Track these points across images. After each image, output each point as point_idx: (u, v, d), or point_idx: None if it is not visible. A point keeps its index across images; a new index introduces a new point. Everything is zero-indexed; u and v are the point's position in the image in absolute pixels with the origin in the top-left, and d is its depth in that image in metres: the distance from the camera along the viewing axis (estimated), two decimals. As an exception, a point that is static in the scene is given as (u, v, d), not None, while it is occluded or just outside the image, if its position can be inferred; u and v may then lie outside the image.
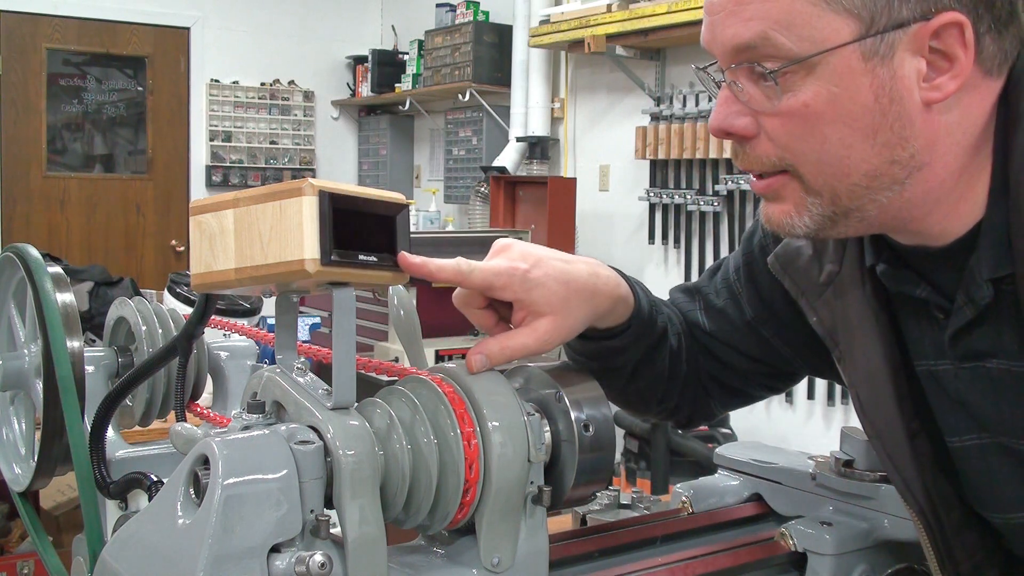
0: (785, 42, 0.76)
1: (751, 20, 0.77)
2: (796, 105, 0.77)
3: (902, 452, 0.91)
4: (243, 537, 0.66)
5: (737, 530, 1.08)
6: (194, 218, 0.78)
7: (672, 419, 1.11)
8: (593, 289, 0.89)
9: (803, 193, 0.81)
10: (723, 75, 0.82)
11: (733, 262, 1.08)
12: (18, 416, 1.09)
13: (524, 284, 0.84)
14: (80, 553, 1.00)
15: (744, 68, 0.79)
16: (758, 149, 0.81)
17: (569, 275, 0.87)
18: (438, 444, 0.75)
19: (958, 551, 0.92)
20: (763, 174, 0.83)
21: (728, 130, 0.82)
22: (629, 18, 4.42)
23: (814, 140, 0.78)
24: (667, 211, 4.69)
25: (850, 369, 0.94)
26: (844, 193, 0.80)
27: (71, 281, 1.00)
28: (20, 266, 0.99)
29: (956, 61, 0.75)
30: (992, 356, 0.84)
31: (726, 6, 0.79)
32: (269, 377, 0.79)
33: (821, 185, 0.80)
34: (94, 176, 6.50)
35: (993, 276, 0.80)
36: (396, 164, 6.90)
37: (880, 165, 0.78)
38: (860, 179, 0.79)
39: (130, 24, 6.45)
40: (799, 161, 0.80)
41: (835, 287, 0.93)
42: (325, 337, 3.33)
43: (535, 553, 0.80)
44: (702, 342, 1.07)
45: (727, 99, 0.81)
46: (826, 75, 0.76)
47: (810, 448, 1.41)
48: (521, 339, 0.85)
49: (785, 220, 0.83)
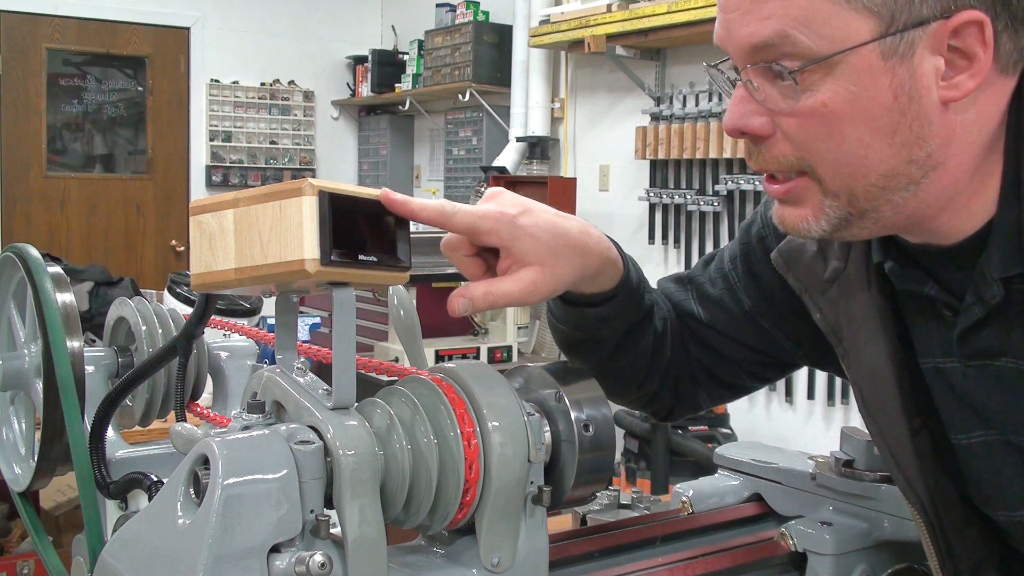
0: (804, 40, 0.74)
1: (769, 18, 0.75)
2: (815, 105, 0.76)
3: (905, 449, 0.91)
4: (243, 537, 0.66)
5: (737, 530, 1.08)
6: (194, 218, 0.78)
7: (651, 408, 1.09)
8: (584, 246, 0.87)
9: (821, 196, 0.80)
10: (737, 73, 0.80)
11: (728, 252, 1.07)
12: (18, 416, 1.09)
13: (512, 230, 0.82)
14: (80, 553, 1.00)
15: (761, 67, 0.78)
16: (774, 149, 0.80)
17: (559, 228, 0.85)
18: (438, 444, 0.75)
19: (959, 549, 0.92)
20: (779, 176, 0.82)
21: (744, 129, 0.80)
22: (629, 18, 4.42)
23: (832, 140, 0.77)
24: (667, 211, 4.69)
25: (854, 366, 0.94)
26: (861, 194, 0.79)
27: (71, 281, 1.00)
28: (20, 266, 0.99)
29: (975, 59, 0.75)
30: (1001, 355, 0.84)
31: (742, 4, 0.77)
32: (269, 377, 0.79)
33: (839, 186, 0.79)
34: (94, 176, 6.50)
35: (1003, 275, 0.80)
36: (396, 164, 6.90)
37: (897, 165, 0.77)
38: (877, 179, 0.78)
39: (130, 24, 6.44)
40: (817, 161, 0.78)
41: (840, 284, 0.93)
42: (325, 337, 3.33)
43: (535, 553, 0.80)
44: (695, 331, 1.06)
45: (743, 98, 0.80)
46: (845, 74, 0.75)
47: (810, 448, 1.41)
48: (505, 286, 0.82)
49: (801, 224, 0.82)
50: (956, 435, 0.91)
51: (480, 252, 0.85)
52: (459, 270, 0.86)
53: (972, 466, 0.91)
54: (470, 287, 0.82)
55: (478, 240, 0.84)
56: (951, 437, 0.91)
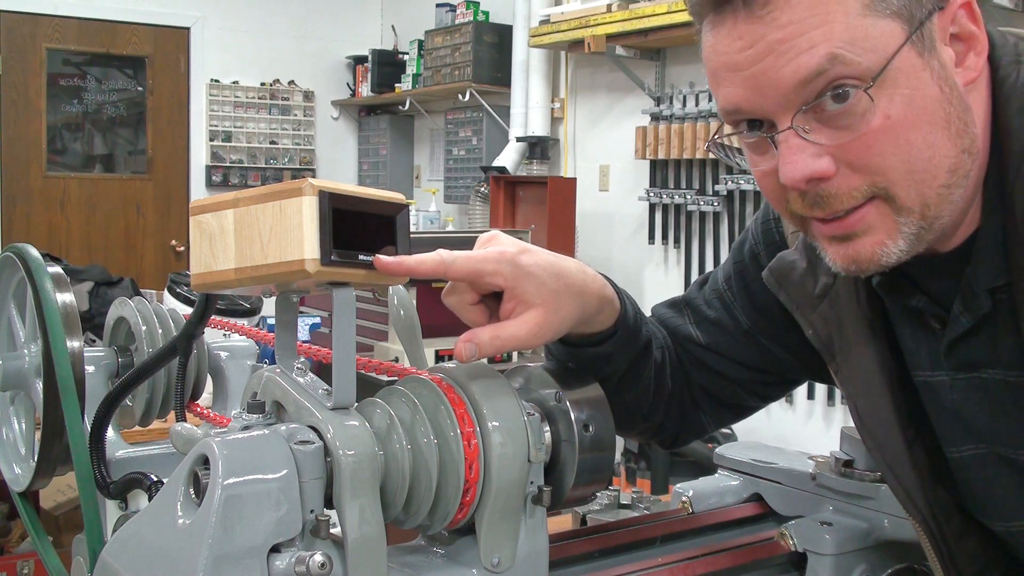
0: (855, 58, 0.72)
1: (812, 47, 0.72)
2: (879, 122, 0.74)
3: (902, 462, 0.91)
4: (243, 537, 0.66)
5: (737, 530, 1.08)
6: (194, 218, 0.78)
7: (657, 438, 1.07)
8: (582, 286, 0.86)
9: (894, 216, 0.77)
10: (777, 127, 0.76)
11: (723, 272, 1.07)
12: (18, 416, 1.09)
13: (514, 270, 0.80)
14: (80, 553, 1.00)
15: (811, 107, 0.74)
16: (843, 185, 0.76)
17: (560, 267, 0.84)
18: (438, 444, 0.75)
19: (961, 557, 0.92)
20: (843, 213, 0.77)
21: (813, 176, 0.75)
22: (629, 18, 4.42)
23: (903, 150, 0.74)
24: (667, 211, 4.69)
25: (847, 380, 0.94)
26: (933, 200, 0.76)
27: (71, 281, 1.00)
28: (20, 266, 0.99)
29: (974, 38, 0.77)
30: (988, 366, 0.84)
31: (770, 48, 0.74)
32: (269, 377, 0.79)
33: (913, 198, 0.76)
34: (94, 176, 6.50)
35: (990, 286, 0.80)
36: (396, 164, 6.90)
37: (957, 156, 0.76)
38: (946, 177, 0.76)
39: (130, 24, 6.44)
40: (892, 178, 0.75)
41: (830, 299, 0.93)
42: (325, 337, 3.33)
43: (535, 553, 0.80)
44: (695, 355, 1.05)
45: (799, 147, 0.75)
46: (896, 80, 0.73)
47: (810, 448, 1.41)
48: (512, 330, 0.80)
49: (878, 251, 0.78)
50: (949, 448, 0.91)
51: (483, 299, 0.84)
52: (463, 319, 0.84)
53: (966, 478, 0.91)
54: (477, 332, 0.80)
55: (482, 283, 0.81)
56: (945, 450, 0.91)
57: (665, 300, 1.10)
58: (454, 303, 0.84)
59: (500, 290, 0.82)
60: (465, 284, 0.82)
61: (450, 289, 0.83)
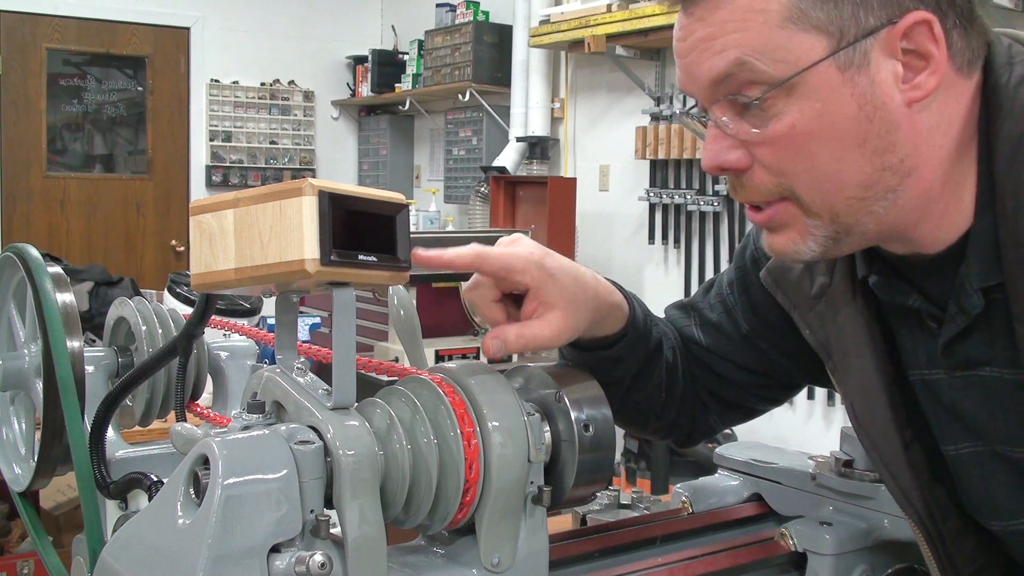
0: (762, 67, 0.76)
1: (724, 50, 0.77)
2: (783, 128, 0.77)
3: (898, 462, 0.91)
4: (243, 537, 0.66)
5: (737, 530, 1.08)
6: (194, 218, 0.78)
7: (671, 436, 1.10)
8: (596, 292, 0.90)
9: (804, 217, 0.81)
10: (706, 114, 0.82)
11: (726, 277, 1.09)
12: (18, 416, 1.09)
13: (540, 271, 0.85)
14: (80, 553, 1.00)
15: (726, 101, 0.79)
16: (755, 180, 0.81)
17: (578, 273, 0.88)
18: (438, 444, 0.75)
19: (958, 557, 0.93)
20: (762, 205, 0.83)
21: (721, 166, 0.82)
22: (629, 18, 4.41)
23: (806, 160, 0.78)
24: (667, 211, 4.69)
25: (844, 381, 0.95)
26: (842, 209, 0.80)
27: (71, 281, 1.00)
28: (20, 266, 0.99)
29: (931, 58, 0.76)
30: (985, 364, 0.84)
31: (696, 45, 0.79)
32: (269, 377, 0.79)
33: (819, 205, 0.80)
34: (94, 176, 6.49)
35: (983, 286, 0.80)
36: (396, 164, 6.90)
37: (873, 174, 0.78)
38: (855, 191, 0.79)
39: (130, 24, 6.44)
40: (795, 183, 0.80)
41: (827, 300, 0.94)
42: (325, 337, 3.33)
43: (535, 553, 0.80)
44: (699, 357, 1.07)
45: (715, 136, 0.81)
46: (807, 93, 0.76)
47: (810, 448, 1.41)
48: (535, 330, 0.85)
49: (790, 247, 0.83)
50: (946, 446, 0.91)
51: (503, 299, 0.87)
52: (483, 316, 0.87)
53: (963, 477, 0.91)
54: (503, 329, 0.84)
55: (510, 281, 0.85)
56: (942, 449, 0.91)
57: (676, 301, 1.13)
58: (476, 298, 0.87)
59: (524, 290, 0.86)
60: (490, 281, 0.86)
61: (473, 284, 0.87)
